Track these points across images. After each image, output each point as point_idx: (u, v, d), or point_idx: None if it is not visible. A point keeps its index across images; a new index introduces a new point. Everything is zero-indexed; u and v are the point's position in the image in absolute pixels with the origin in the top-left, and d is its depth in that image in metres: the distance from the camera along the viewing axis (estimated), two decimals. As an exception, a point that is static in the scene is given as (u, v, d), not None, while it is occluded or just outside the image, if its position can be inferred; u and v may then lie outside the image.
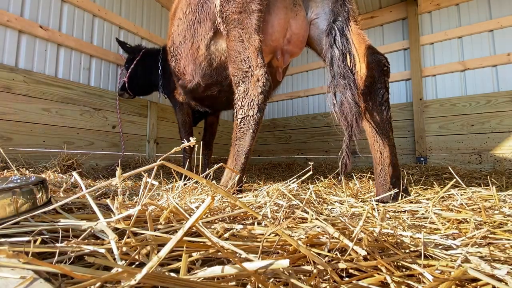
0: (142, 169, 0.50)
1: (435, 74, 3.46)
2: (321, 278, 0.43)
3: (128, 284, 0.31)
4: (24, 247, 0.40)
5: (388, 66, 1.30)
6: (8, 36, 2.35)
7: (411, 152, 3.51)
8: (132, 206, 0.70)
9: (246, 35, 1.31)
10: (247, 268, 0.36)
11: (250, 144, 1.24)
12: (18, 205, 0.54)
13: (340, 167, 1.17)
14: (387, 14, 3.87)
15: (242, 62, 1.30)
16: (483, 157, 3.04)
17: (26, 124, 2.36)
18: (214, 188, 0.42)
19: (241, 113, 1.27)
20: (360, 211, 0.91)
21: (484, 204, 0.92)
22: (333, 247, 0.50)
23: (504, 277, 0.41)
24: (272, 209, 0.78)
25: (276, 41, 1.50)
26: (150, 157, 3.38)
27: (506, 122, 2.95)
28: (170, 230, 0.52)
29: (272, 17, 1.44)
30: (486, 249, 0.58)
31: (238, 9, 1.34)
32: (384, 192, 1.23)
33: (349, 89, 1.12)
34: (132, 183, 1.59)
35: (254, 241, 0.52)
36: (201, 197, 0.96)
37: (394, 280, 0.42)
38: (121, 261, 0.40)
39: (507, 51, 3.05)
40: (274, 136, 4.75)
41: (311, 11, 1.53)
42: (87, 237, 0.48)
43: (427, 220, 0.83)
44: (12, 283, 0.33)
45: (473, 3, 3.30)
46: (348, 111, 1.13)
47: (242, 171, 1.27)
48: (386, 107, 1.29)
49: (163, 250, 0.33)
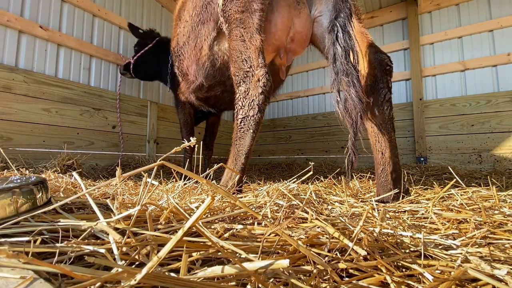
0: (142, 169, 0.50)
1: (435, 74, 3.46)
2: (321, 278, 0.43)
3: (128, 284, 0.31)
4: (24, 247, 0.40)
5: (391, 65, 1.30)
6: (8, 36, 2.34)
7: (411, 152, 3.51)
8: (132, 206, 0.70)
9: (247, 35, 1.31)
10: (247, 268, 0.36)
11: (251, 144, 1.24)
12: (18, 205, 0.54)
13: (347, 164, 1.16)
14: (387, 14, 3.87)
15: (243, 62, 1.30)
16: (483, 157, 3.04)
17: (26, 124, 2.36)
18: (214, 188, 0.42)
19: (241, 113, 1.27)
20: (360, 211, 0.91)
21: (484, 204, 0.92)
22: (333, 247, 0.50)
23: (504, 277, 0.41)
24: (272, 209, 0.78)
25: (279, 39, 1.50)
26: (150, 157, 3.38)
27: (506, 122, 2.95)
28: (170, 230, 0.52)
29: (275, 16, 1.44)
30: (486, 249, 0.58)
31: (240, 9, 1.34)
32: (385, 192, 1.23)
33: (353, 86, 1.11)
34: (132, 183, 1.59)
35: (254, 241, 0.52)
36: (201, 197, 0.96)
37: (394, 280, 0.42)
38: (121, 261, 0.40)
39: (507, 51, 3.05)
40: (274, 136, 4.74)
41: (314, 9, 1.53)
42: (87, 237, 0.48)
43: (427, 220, 0.83)
44: (12, 283, 0.33)
45: (473, 3, 3.30)
46: (352, 108, 1.11)
47: (242, 171, 1.26)
48: (388, 106, 1.28)
49: (163, 250, 0.33)
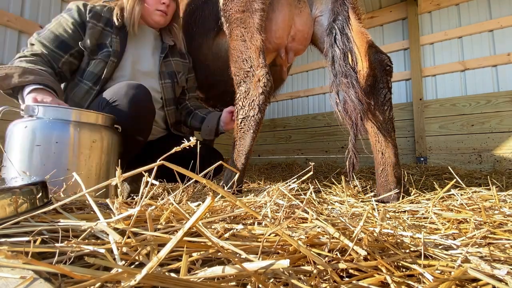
0: (142, 169, 0.50)
1: (435, 74, 3.46)
2: (321, 278, 0.43)
3: (128, 285, 0.31)
4: (24, 247, 0.40)
5: (391, 66, 1.30)
6: (8, 36, 2.34)
7: (411, 152, 3.50)
8: (132, 206, 0.70)
9: (248, 35, 1.31)
10: (247, 268, 0.36)
11: (251, 145, 1.24)
12: (18, 205, 0.54)
13: (348, 166, 1.16)
14: (387, 14, 3.87)
15: (243, 61, 1.30)
16: (483, 157, 3.04)
17: (26, 124, 2.36)
18: (214, 188, 0.42)
19: (241, 113, 1.27)
20: (360, 211, 0.91)
21: (484, 204, 0.92)
22: (333, 247, 0.50)
23: (504, 277, 0.41)
24: (272, 209, 0.78)
25: (280, 38, 1.50)
26: (150, 157, 3.37)
27: (506, 122, 2.95)
28: (170, 230, 0.52)
29: (276, 14, 1.44)
30: (486, 249, 0.58)
31: (241, 8, 1.33)
32: (385, 192, 1.23)
33: (352, 87, 1.12)
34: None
35: (254, 241, 0.52)
36: (201, 197, 0.96)
37: (394, 280, 0.42)
38: (121, 262, 0.40)
39: (507, 51, 3.05)
40: (274, 136, 4.74)
41: (315, 8, 1.53)
42: (87, 237, 0.48)
43: (427, 220, 0.83)
44: (12, 283, 0.33)
45: (473, 3, 3.30)
46: (352, 109, 1.12)
47: (243, 171, 1.27)
48: (389, 107, 1.28)
49: (163, 250, 0.33)
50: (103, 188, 0.86)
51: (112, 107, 1.18)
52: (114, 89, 1.23)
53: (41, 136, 0.91)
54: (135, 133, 1.26)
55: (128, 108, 1.18)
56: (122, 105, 1.18)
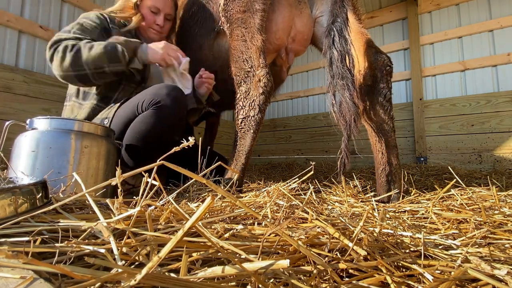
0: (142, 169, 0.50)
1: (435, 74, 3.45)
2: (321, 278, 0.43)
3: (128, 285, 0.31)
4: (24, 247, 0.40)
5: (391, 66, 1.30)
6: (8, 36, 2.34)
7: (411, 152, 3.50)
8: (132, 206, 0.70)
9: (249, 35, 1.31)
10: (247, 268, 0.36)
11: (251, 145, 1.24)
12: (18, 205, 0.54)
13: (339, 166, 1.18)
14: (387, 14, 3.87)
15: (244, 62, 1.30)
16: (483, 157, 3.03)
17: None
18: (214, 188, 0.42)
19: (242, 114, 1.27)
20: (360, 211, 0.91)
21: (484, 204, 0.92)
22: (333, 247, 0.50)
23: (504, 277, 0.41)
24: (272, 209, 0.78)
25: (280, 39, 1.50)
26: (150, 157, 3.36)
27: (506, 122, 2.95)
28: (170, 231, 0.52)
29: (276, 15, 1.44)
30: (486, 249, 0.58)
31: (242, 8, 1.34)
32: (385, 192, 1.23)
33: (347, 90, 1.13)
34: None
35: (254, 241, 0.52)
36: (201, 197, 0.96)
37: (394, 280, 0.42)
38: (121, 262, 0.40)
39: (507, 51, 3.05)
40: (274, 136, 4.74)
41: (316, 8, 1.53)
42: (87, 237, 0.48)
43: (427, 220, 0.83)
44: (12, 283, 0.33)
45: (473, 3, 3.29)
46: (346, 111, 1.14)
47: (243, 171, 1.27)
48: (389, 107, 1.29)
49: (163, 250, 0.33)
50: (102, 188, 0.87)
51: (157, 106, 1.24)
52: (153, 90, 1.29)
53: (36, 143, 1.05)
54: (177, 132, 1.33)
55: (173, 108, 1.26)
56: (167, 105, 1.25)
